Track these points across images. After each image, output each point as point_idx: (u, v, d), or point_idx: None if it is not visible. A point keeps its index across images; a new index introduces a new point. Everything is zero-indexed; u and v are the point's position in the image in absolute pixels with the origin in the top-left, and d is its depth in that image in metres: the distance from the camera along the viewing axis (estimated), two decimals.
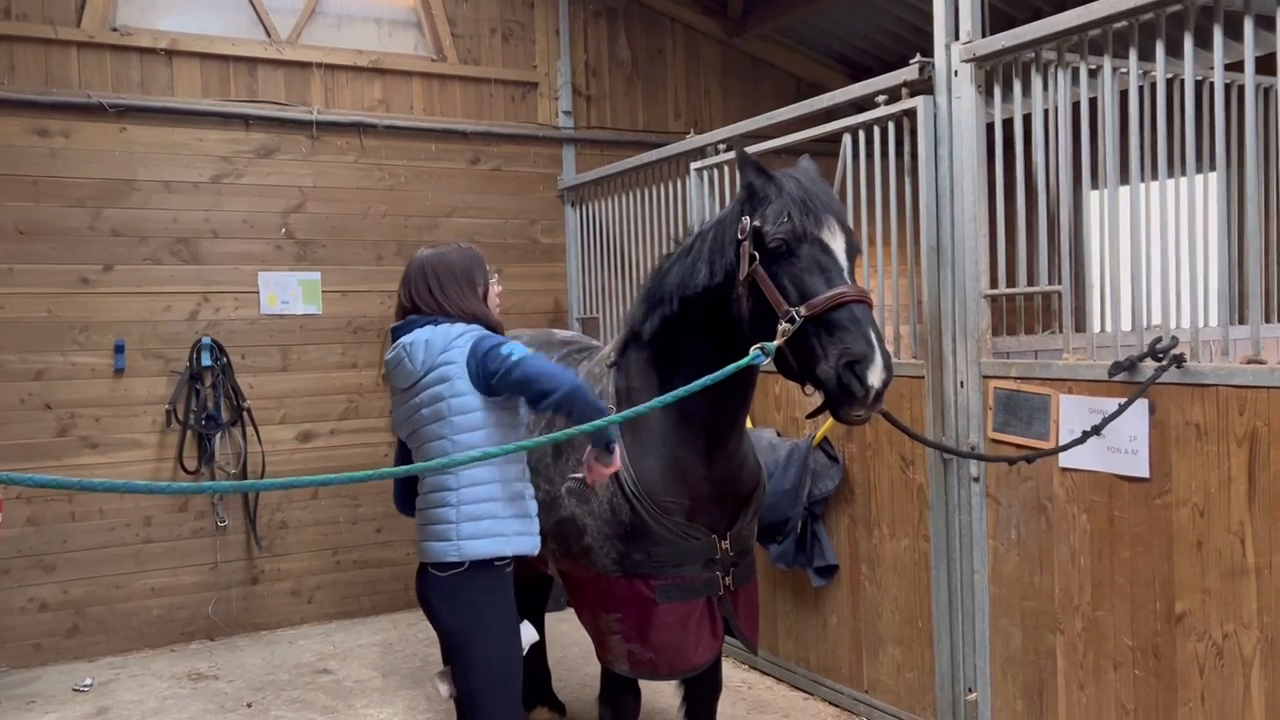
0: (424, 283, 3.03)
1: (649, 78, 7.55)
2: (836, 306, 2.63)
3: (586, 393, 2.82)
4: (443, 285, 3.02)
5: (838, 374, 2.56)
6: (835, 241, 2.75)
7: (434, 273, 3.03)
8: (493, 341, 2.88)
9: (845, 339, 2.59)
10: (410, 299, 3.04)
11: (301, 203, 6.31)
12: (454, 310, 2.98)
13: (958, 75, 4.00)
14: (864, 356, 2.55)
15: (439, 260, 3.07)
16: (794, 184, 2.81)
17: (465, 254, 3.13)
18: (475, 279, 3.08)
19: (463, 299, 3.02)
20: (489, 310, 3.08)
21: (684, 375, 3.03)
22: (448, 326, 2.94)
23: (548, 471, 3.45)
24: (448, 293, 3.01)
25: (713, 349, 2.98)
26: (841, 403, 2.61)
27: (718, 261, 2.95)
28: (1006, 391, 3.85)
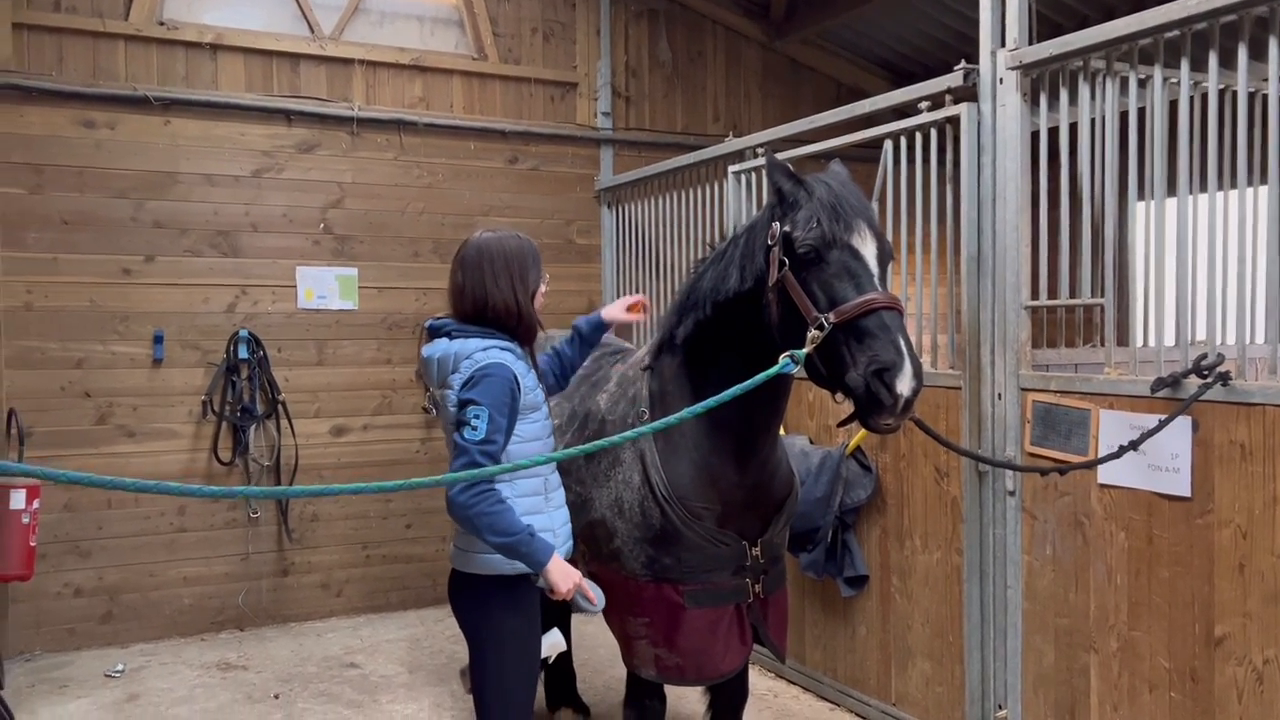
0: (478, 266, 2.92)
1: (689, 80, 7.52)
2: (866, 313, 2.59)
3: (526, 544, 2.73)
4: (495, 271, 2.92)
5: (866, 382, 2.53)
6: (866, 247, 2.72)
7: (490, 257, 2.93)
8: (468, 398, 2.76)
9: (874, 346, 2.55)
10: (460, 282, 2.95)
11: (340, 198, 6.35)
12: (499, 301, 2.90)
13: (1003, 83, 3.95)
14: (893, 364, 2.51)
15: (498, 245, 2.96)
16: (824, 189, 2.77)
17: (524, 245, 3.02)
18: (528, 273, 2.98)
19: (512, 290, 2.92)
20: (533, 310, 3.00)
21: (716, 381, 3.01)
22: (463, 343, 2.88)
23: (579, 473, 3.43)
24: (499, 280, 2.91)
25: (745, 355, 2.95)
26: (870, 411, 2.58)
27: (748, 267, 2.93)
28: (1045, 405, 3.79)
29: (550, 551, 2.77)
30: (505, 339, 2.91)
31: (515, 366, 2.85)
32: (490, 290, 2.91)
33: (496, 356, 2.83)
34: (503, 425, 2.77)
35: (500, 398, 2.77)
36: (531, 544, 2.74)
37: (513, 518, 2.73)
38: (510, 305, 2.92)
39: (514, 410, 2.82)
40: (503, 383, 2.79)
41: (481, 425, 2.72)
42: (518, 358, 2.91)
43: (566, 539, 3.01)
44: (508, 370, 2.81)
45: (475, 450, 2.71)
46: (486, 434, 2.72)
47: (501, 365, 2.81)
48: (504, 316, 2.92)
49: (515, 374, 2.83)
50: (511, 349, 2.90)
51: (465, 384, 2.80)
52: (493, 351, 2.85)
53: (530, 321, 2.97)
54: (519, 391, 2.84)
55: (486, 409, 2.74)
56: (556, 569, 2.76)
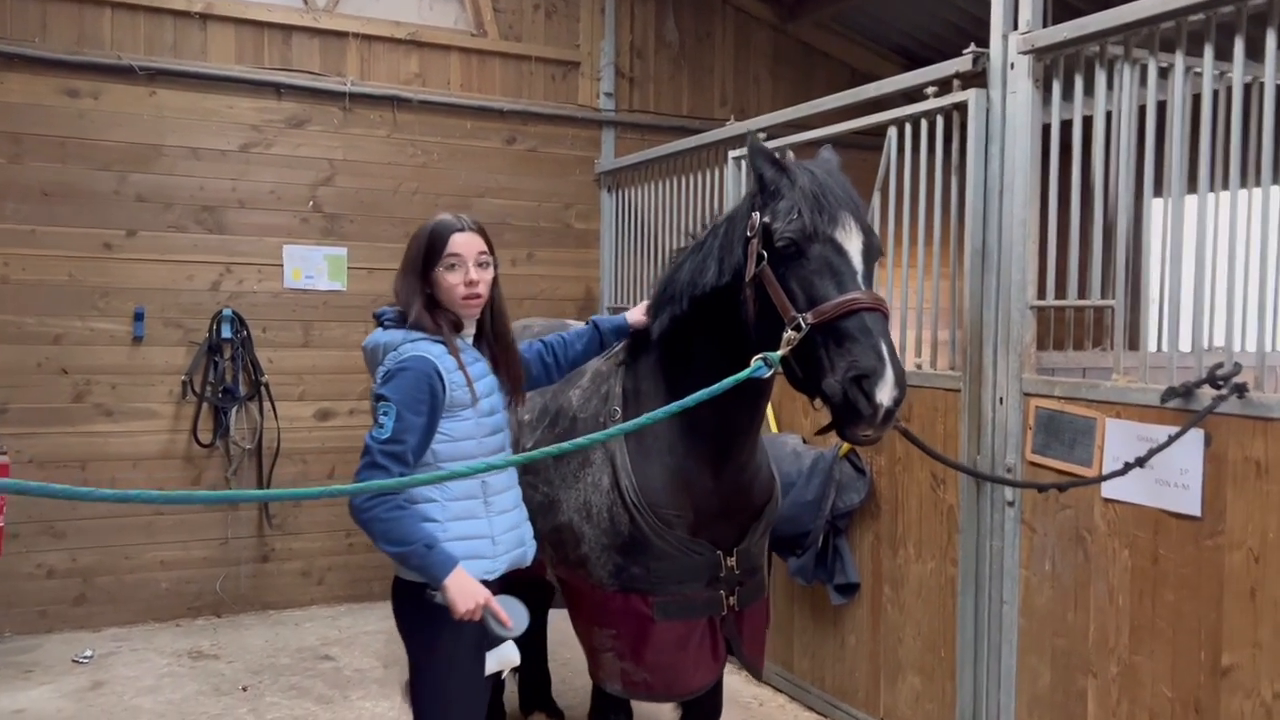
0: (402, 259, 2.78)
1: (696, 62, 7.29)
2: (846, 314, 2.38)
3: (420, 555, 2.53)
4: (402, 268, 2.77)
5: (844, 389, 2.33)
6: (850, 242, 2.50)
7: (408, 245, 2.80)
8: (380, 393, 2.59)
9: (854, 351, 2.35)
10: None
11: (331, 176, 6.17)
12: (398, 293, 2.74)
13: (1014, 68, 3.72)
14: (873, 371, 2.31)
15: (411, 235, 2.81)
16: (807, 177, 2.56)
17: (424, 229, 2.77)
18: (417, 261, 2.72)
19: (403, 281, 2.74)
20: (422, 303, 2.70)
21: (693, 380, 2.82)
22: (390, 334, 2.71)
23: (547, 473, 3.25)
24: (403, 272, 2.76)
25: (722, 354, 2.75)
26: (848, 421, 2.37)
27: (727, 260, 2.72)
28: (1049, 411, 3.57)
29: (450, 566, 2.55)
30: (434, 331, 2.71)
31: (441, 361, 2.65)
32: (395, 283, 2.77)
33: (422, 349, 2.65)
34: (415, 424, 2.57)
35: (414, 394, 2.57)
36: (427, 556, 2.53)
37: (409, 526, 2.54)
38: (405, 300, 2.74)
39: (434, 407, 2.62)
40: (419, 378, 2.60)
41: (388, 424, 2.54)
42: (448, 351, 2.70)
43: (511, 547, 2.80)
44: (428, 364, 2.62)
45: (378, 450, 2.53)
46: (392, 433, 2.54)
47: (421, 359, 2.62)
48: (402, 312, 2.75)
49: (438, 369, 2.63)
50: (444, 342, 2.70)
51: (383, 378, 2.63)
52: (420, 344, 2.66)
53: (418, 321, 2.69)
54: (443, 387, 2.64)
55: (395, 406, 2.56)
56: (456, 586, 2.54)
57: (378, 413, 2.59)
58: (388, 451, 2.53)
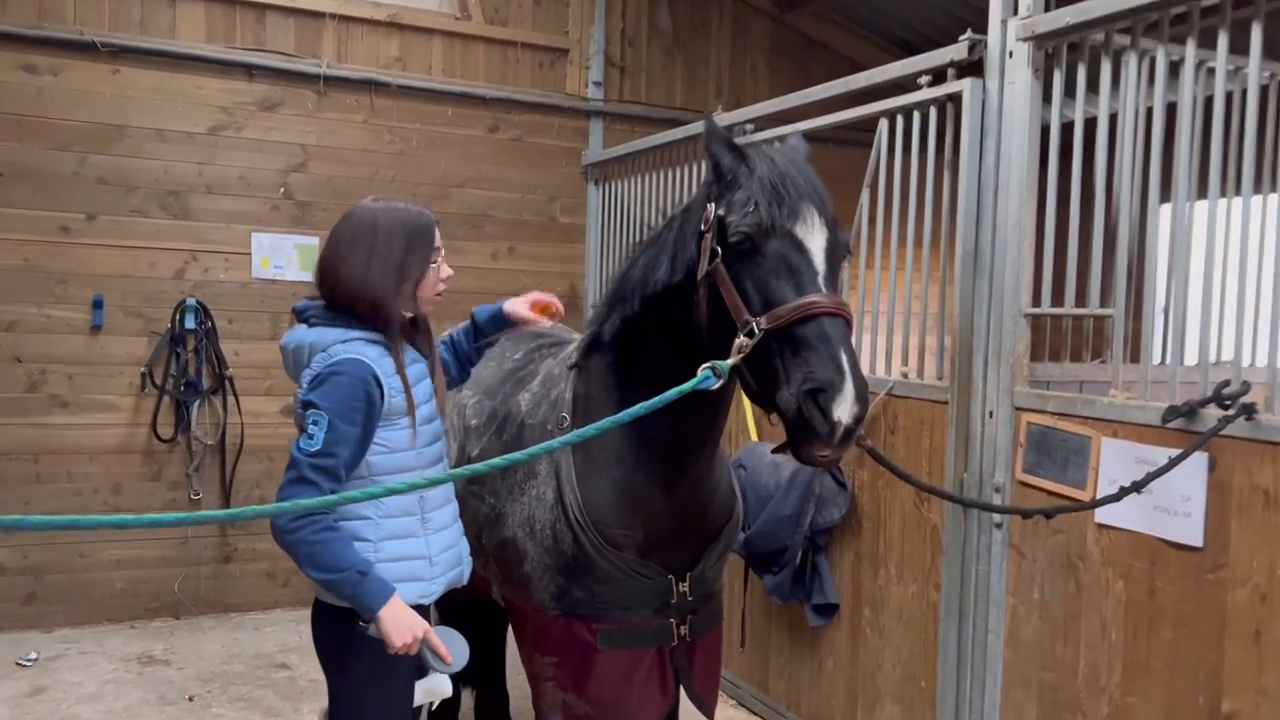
0: (350, 241, 2.44)
1: (690, 51, 7.02)
2: (804, 319, 2.13)
3: (353, 584, 2.28)
4: (366, 250, 2.43)
5: (799, 403, 2.07)
6: (812, 238, 2.24)
7: (363, 232, 2.45)
8: (310, 400, 2.33)
9: (811, 360, 2.09)
10: (328, 259, 2.47)
11: (303, 162, 5.92)
12: (364, 288, 2.42)
13: (1012, 56, 3.45)
14: (830, 384, 2.05)
15: (373, 219, 2.46)
16: (767, 165, 2.30)
17: (408, 220, 2.50)
18: (408, 256, 2.47)
19: (382, 276, 2.44)
20: (404, 303, 2.49)
21: (643, 386, 2.56)
22: (320, 333, 2.43)
23: (494, 483, 2.99)
24: (370, 262, 2.42)
25: (675, 359, 2.49)
26: (802, 438, 2.12)
27: (679, 256, 2.46)
28: (1041, 428, 3.31)
29: (385, 596, 2.31)
30: (372, 331, 2.45)
31: (379, 365, 2.40)
32: (355, 273, 2.44)
33: (357, 351, 2.39)
34: (349, 435, 2.33)
35: (348, 402, 2.32)
36: (360, 585, 2.28)
37: (340, 550, 2.29)
38: (375, 294, 2.43)
39: (370, 416, 2.38)
40: (354, 384, 2.35)
41: (319, 434, 2.29)
42: (389, 352, 2.46)
43: (449, 567, 2.57)
44: (365, 369, 2.37)
45: (307, 464, 2.28)
46: (324, 445, 2.29)
47: (358, 363, 2.36)
48: (366, 307, 2.44)
49: (375, 373, 2.39)
50: (380, 343, 2.45)
51: (312, 383, 2.37)
52: (354, 345, 2.40)
53: (390, 316, 2.46)
54: (381, 394, 2.40)
55: (327, 415, 2.30)
56: (392, 618, 2.29)
57: (306, 421, 2.34)
58: (318, 465, 2.29)
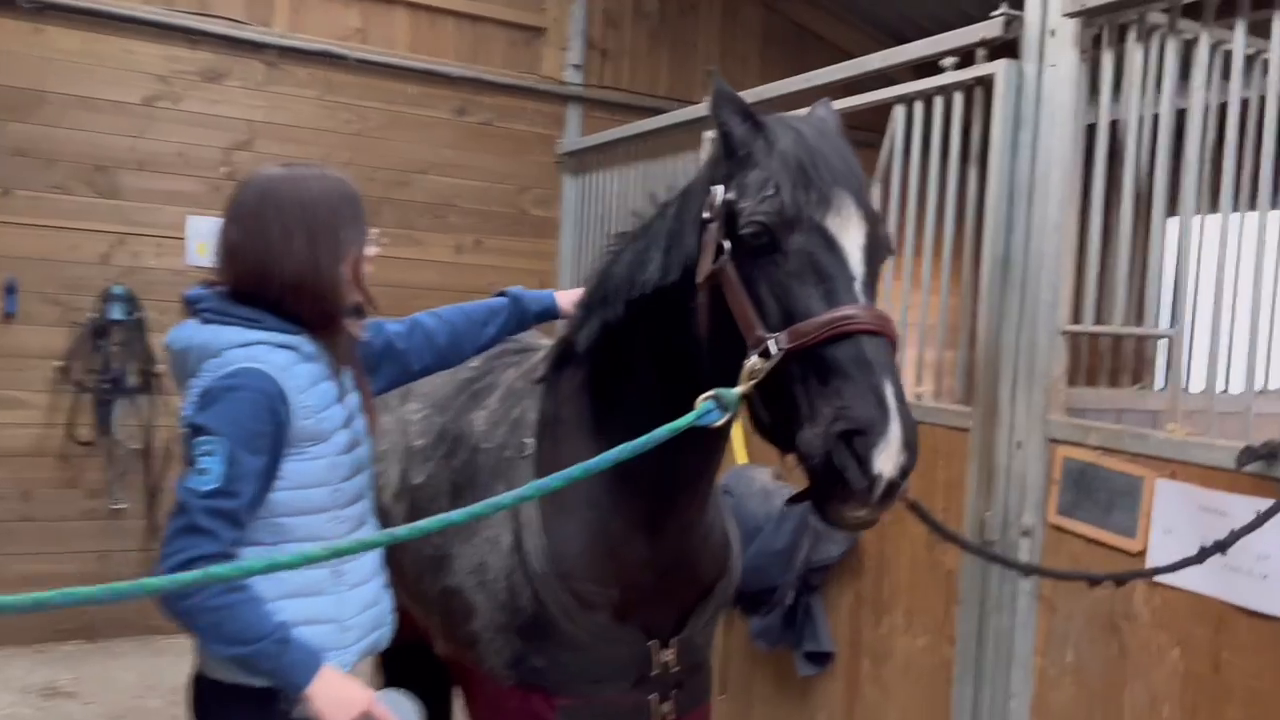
0: (258, 216, 1.94)
1: (677, 36, 6.55)
2: (836, 338, 1.65)
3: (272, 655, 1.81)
4: (285, 225, 1.93)
5: (827, 449, 1.59)
6: (847, 233, 1.76)
7: (279, 204, 1.95)
8: (200, 423, 1.84)
9: (845, 392, 1.61)
10: (233, 240, 1.96)
11: (249, 139, 5.38)
12: (287, 271, 1.93)
13: (1055, 35, 2.99)
14: (869, 425, 1.57)
15: (293, 188, 1.97)
16: (791, 138, 1.82)
17: (334, 190, 2.02)
18: (339, 231, 1.99)
19: (311, 256, 1.95)
20: (345, 288, 2.03)
21: (625, 411, 2.12)
22: (216, 332, 1.92)
23: None
24: (290, 240, 1.93)
25: (666, 379, 2.02)
26: (831, 493, 1.64)
27: (675, 251, 1.98)
28: (1081, 464, 2.85)
29: (314, 667, 1.83)
30: (289, 331, 1.95)
31: (289, 376, 1.91)
32: (275, 254, 1.94)
33: (259, 358, 1.89)
34: (252, 469, 1.83)
35: (251, 425, 1.83)
36: (282, 657, 1.80)
37: (250, 615, 1.80)
38: (305, 278, 1.95)
39: (277, 443, 1.89)
40: (256, 401, 1.85)
41: (215, 469, 1.79)
42: (303, 359, 1.96)
43: (366, 631, 2.07)
44: (268, 382, 1.87)
45: (201, 508, 1.78)
46: (222, 483, 1.79)
47: (260, 375, 1.87)
48: (293, 295, 1.95)
49: (283, 389, 1.89)
50: (295, 347, 1.95)
51: (203, 400, 1.86)
52: (256, 350, 1.90)
53: (333, 305, 2.00)
54: (289, 415, 1.90)
55: (225, 443, 1.80)
56: (326, 694, 1.82)
57: (195, 451, 1.84)
58: (215, 509, 1.80)
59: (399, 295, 5.53)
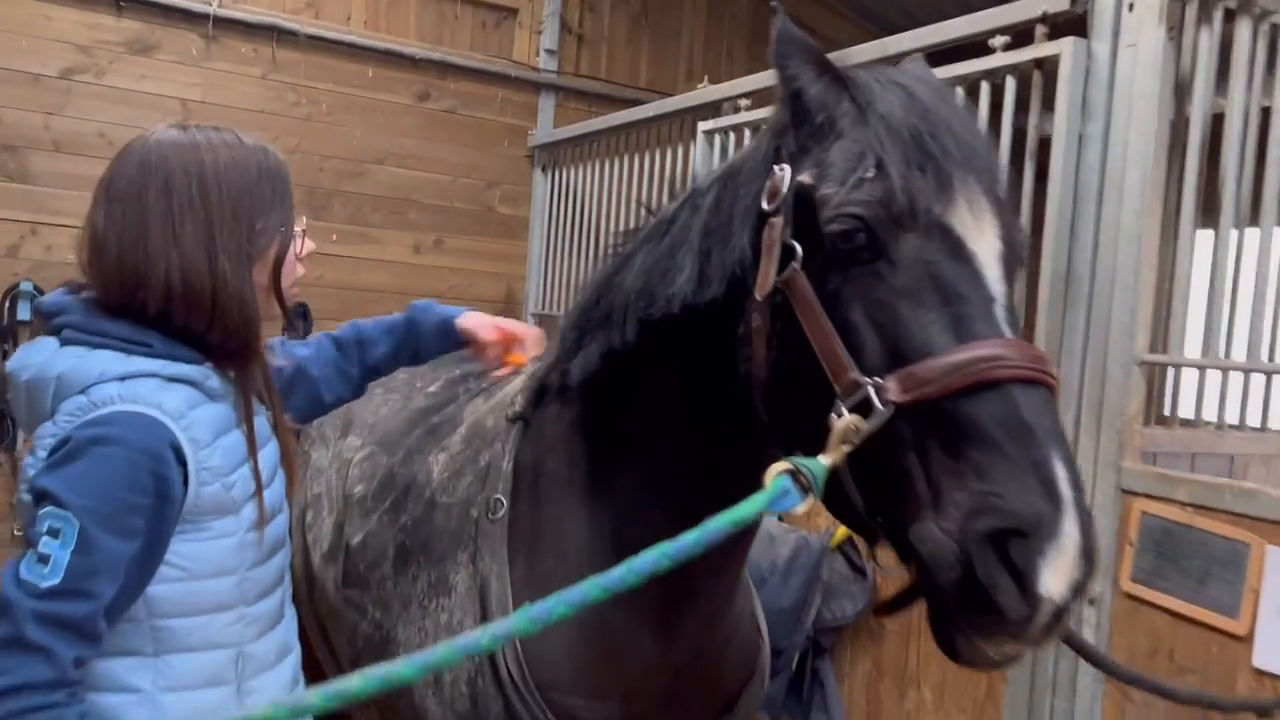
0: (138, 199, 1.41)
1: (660, 24, 6.04)
2: (978, 387, 1.14)
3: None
4: (175, 210, 1.40)
5: (966, 556, 1.09)
6: (983, 235, 1.26)
7: (167, 181, 1.42)
8: (47, 488, 1.29)
9: (994, 471, 1.11)
10: (101, 230, 1.42)
11: (183, 120, 4.77)
12: (174, 274, 1.39)
13: (1133, 9, 2.52)
14: (1035, 524, 1.07)
15: (189, 159, 1.43)
16: (898, 98, 1.31)
17: (250, 162, 1.49)
18: (254, 218, 1.46)
19: (206, 254, 1.41)
20: (256, 294, 1.48)
21: (636, 466, 1.61)
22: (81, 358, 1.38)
23: (380, 589, 1.97)
24: (180, 230, 1.40)
25: (694, 426, 1.51)
26: (966, 620, 1.13)
27: (716, 255, 1.45)
28: (1165, 522, 2.37)
29: None
30: (186, 358, 1.42)
31: (186, 424, 1.38)
32: (158, 249, 1.40)
33: (143, 398, 1.36)
34: (116, 558, 1.29)
35: (120, 497, 1.30)
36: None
37: None
38: (201, 283, 1.41)
39: (162, 520, 1.34)
40: (133, 462, 1.31)
41: (59, 557, 1.25)
42: (206, 399, 1.43)
43: None
44: (156, 436, 1.34)
45: (30, 614, 1.23)
46: (67, 579, 1.25)
47: (143, 423, 1.34)
48: (185, 307, 1.42)
49: (177, 444, 1.35)
50: (196, 381, 1.42)
51: (56, 455, 1.32)
52: (140, 387, 1.36)
53: (243, 321, 1.45)
54: (183, 480, 1.36)
55: (79, 521, 1.26)
56: None
57: (38, 527, 1.28)
58: (52, 616, 1.25)
59: (349, 299, 4.99)
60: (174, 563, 1.37)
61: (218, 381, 1.44)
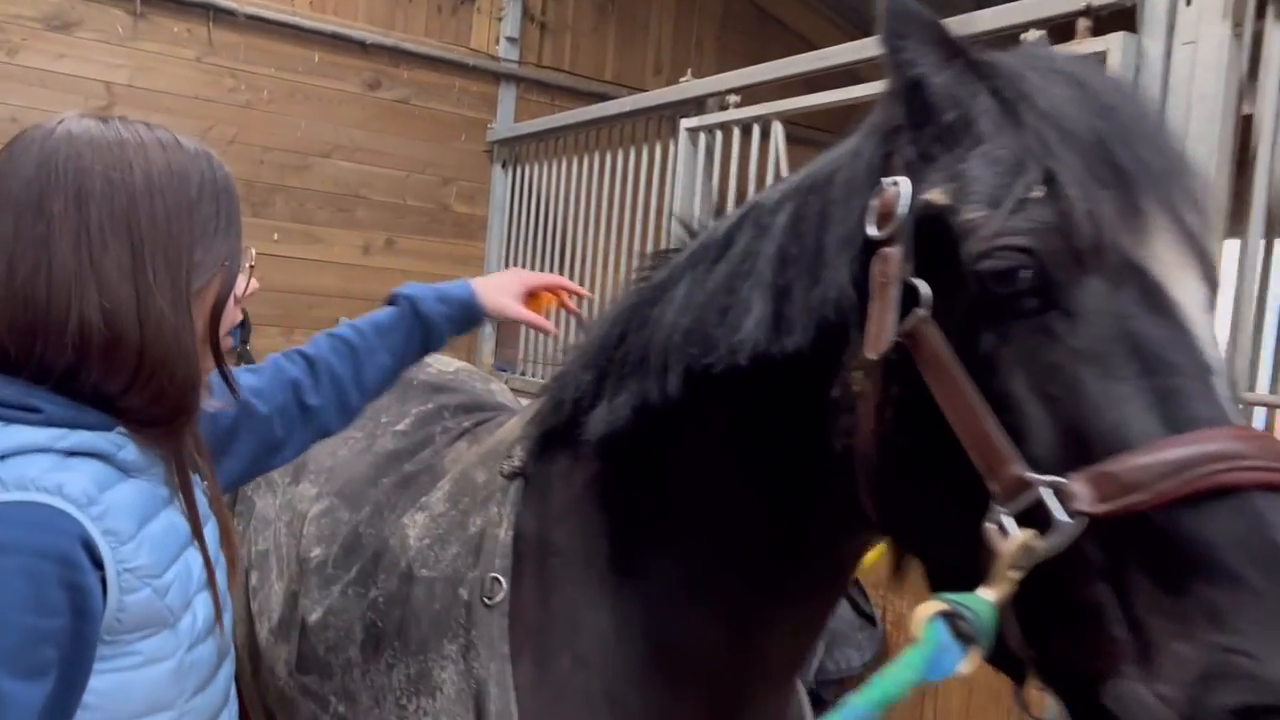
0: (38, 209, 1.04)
1: (627, 15, 5.73)
2: (1206, 495, 0.83)
3: None
4: (89, 229, 1.05)
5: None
6: (1183, 277, 0.96)
7: (79, 196, 1.05)
8: None
9: (1238, 615, 0.80)
10: None
11: (107, 105, 4.33)
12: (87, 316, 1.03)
13: (1191, 3, 2.26)
14: None
15: (110, 164, 1.07)
16: (1064, 91, 1.00)
17: (190, 170, 1.14)
18: (195, 253, 1.11)
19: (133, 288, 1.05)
20: (196, 339, 1.11)
21: (677, 551, 1.31)
22: None
23: (347, 678, 1.62)
24: (96, 256, 1.04)
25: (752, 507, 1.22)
26: None
27: (798, 292, 1.12)
28: None
29: None
30: (94, 422, 1.06)
31: (100, 512, 1.02)
32: (63, 281, 1.04)
33: (39, 482, 0.99)
34: (25, 708, 0.94)
35: (22, 625, 0.95)
36: None
37: None
38: (125, 331, 1.06)
39: (80, 647, 0.99)
40: (33, 574, 0.96)
41: None
42: (122, 475, 1.07)
43: None
44: (57, 537, 0.98)
45: None
46: None
47: (40, 517, 0.98)
48: (100, 360, 1.06)
49: (89, 541, 0.99)
50: (107, 454, 1.06)
51: None
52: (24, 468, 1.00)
53: (184, 379, 1.10)
54: (102, 589, 1.01)
55: None
56: None
57: None
58: None
59: (291, 304, 4.59)
60: (87, 702, 1.01)
61: (135, 452, 1.08)
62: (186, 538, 1.12)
